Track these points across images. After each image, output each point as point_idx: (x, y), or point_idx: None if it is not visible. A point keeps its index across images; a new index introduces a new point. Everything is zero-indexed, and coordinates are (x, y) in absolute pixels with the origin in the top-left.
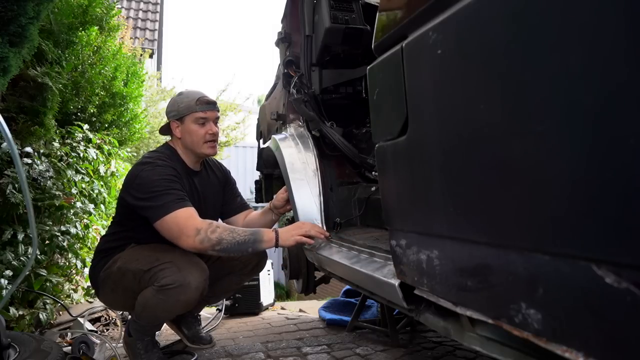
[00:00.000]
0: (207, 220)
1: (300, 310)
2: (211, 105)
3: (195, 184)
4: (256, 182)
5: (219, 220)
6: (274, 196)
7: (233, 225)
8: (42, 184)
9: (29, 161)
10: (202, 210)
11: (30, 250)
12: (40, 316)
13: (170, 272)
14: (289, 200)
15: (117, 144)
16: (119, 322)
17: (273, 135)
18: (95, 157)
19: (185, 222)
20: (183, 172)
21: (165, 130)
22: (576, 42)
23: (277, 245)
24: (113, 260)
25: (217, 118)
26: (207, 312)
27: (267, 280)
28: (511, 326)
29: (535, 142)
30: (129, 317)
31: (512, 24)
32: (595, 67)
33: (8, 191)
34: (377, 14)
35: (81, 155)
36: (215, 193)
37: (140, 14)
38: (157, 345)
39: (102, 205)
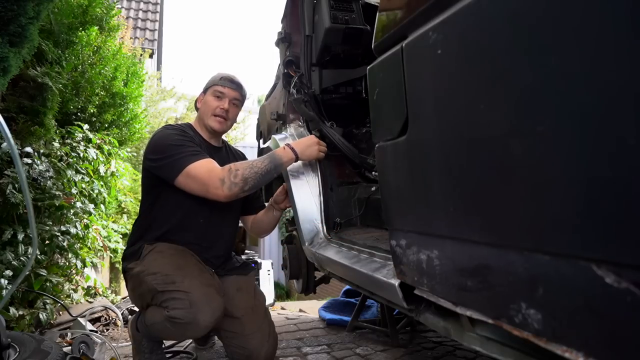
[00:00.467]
0: (224, 167)
1: (300, 310)
2: (234, 84)
3: (212, 155)
4: None
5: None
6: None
7: (249, 223)
8: (42, 184)
9: (29, 161)
10: None
11: (30, 250)
12: (40, 316)
13: (181, 305)
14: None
15: (117, 144)
16: (119, 322)
17: (273, 135)
18: (95, 157)
19: (208, 175)
20: (200, 142)
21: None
22: (577, 42)
23: (297, 160)
24: (138, 256)
25: (237, 99)
26: None
27: (267, 280)
28: (511, 326)
29: (535, 142)
30: (133, 306)
31: (512, 24)
32: (596, 66)
33: (8, 191)
34: (377, 14)
35: (81, 155)
36: None
37: (140, 14)
38: (161, 346)
39: (102, 205)
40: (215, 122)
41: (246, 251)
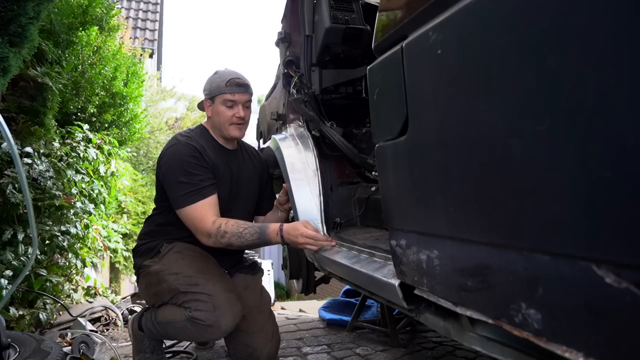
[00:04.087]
0: (216, 223)
1: (300, 310)
2: (242, 87)
3: (228, 161)
4: None
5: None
6: (277, 195)
7: (259, 222)
8: (42, 184)
9: (29, 161)
10: (234, 190)
11: (30, 250)
12: (40, 316)
13: (205, 307)
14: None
15: (117, 144)
16: (119, 322)
17: (273, 135)
18: (95, 157)
19: (199, 223)
20: (213, 148)
21: (201, 106)
22: (576, 42)
23: (284, 244)
24: (155, 253)
25: (248, 101)
26: None
27: (267, 280)
28: (511, 326)
29: (535, 142)
30: (133, 306)
31: (511, 24)
32: (595, 66)
33: (8, 191)
34: (377, 14)
35: (81, 155)
36: (250, 178)
37: (140, 14)
38: (162, 346)
39: (102, 205)
40: (235, 130)
41: (246, 251)
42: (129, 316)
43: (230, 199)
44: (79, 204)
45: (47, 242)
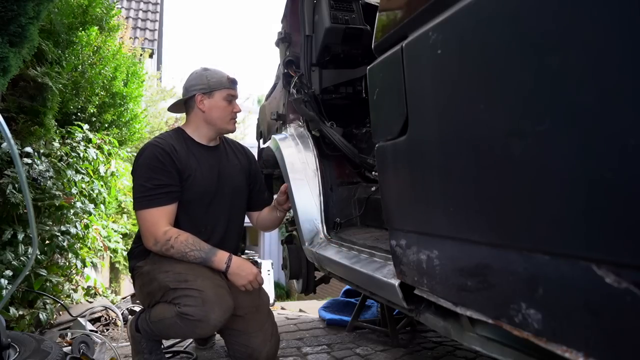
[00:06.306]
0: (167, 234)
1: (300, 310)
2: (236, 84)
3: (208, 159)
4: None
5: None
6: (275, 195)
7: (254, 219)
8: (42, 184)
9: (29, 161)
10: (215, 186)
11: (30, 250)
12: (40, 316)
13: (194, 302)
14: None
15: (117, 144)
16: (119, 322)
17: (273, 135)
18: (95, 157)
19: (149, 228)
20: (187, 148)
21: (175, 108)
22: (575, 42)
23: (226, 277)
24: (147, 255)
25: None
26: None
27: (267, 280)
28: (511, 326)
29: (535, 142)
30: (133, 306)
31: (511, 24)
32: (595, 66)
33: (8, 191)
34: (377, 14)
35: (81, 155)
36: (234, 173)
37: (140, 14)
38: (160, 346)
39: (102, 205)
40: (234, 125)
41: (246, 251)
42: (129, 316)
43: (212, 195)
44: (79, 204)
45: (47, 242)
